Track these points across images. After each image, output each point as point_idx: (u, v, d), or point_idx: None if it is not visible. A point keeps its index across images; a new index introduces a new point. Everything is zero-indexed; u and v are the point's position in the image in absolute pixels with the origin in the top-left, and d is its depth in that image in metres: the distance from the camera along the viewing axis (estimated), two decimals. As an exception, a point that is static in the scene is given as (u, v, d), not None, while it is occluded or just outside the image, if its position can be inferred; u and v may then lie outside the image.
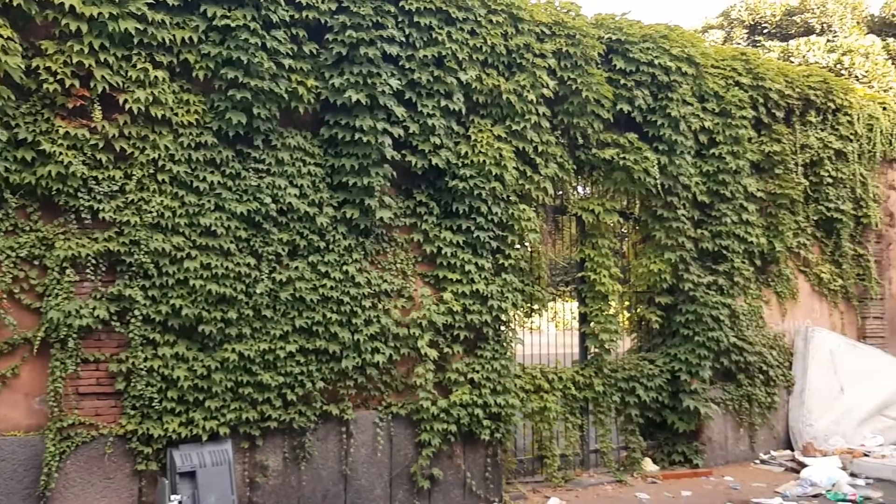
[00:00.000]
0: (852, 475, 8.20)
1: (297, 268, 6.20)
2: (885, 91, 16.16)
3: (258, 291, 6.01)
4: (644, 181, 8.08)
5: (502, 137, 7.17)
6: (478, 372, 6.92)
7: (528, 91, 7.28)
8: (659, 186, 8.25)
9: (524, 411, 7.53)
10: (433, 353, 6.66)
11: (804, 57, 16.29)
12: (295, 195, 6.22)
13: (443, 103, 6.83)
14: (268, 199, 6.09)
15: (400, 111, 6.61)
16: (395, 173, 6.64)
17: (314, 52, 6.38)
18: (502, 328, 7.19)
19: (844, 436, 9.17)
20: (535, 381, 7.62)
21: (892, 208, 10.96)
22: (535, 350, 8.16)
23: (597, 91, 7.68)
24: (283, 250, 6.19)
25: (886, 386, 9.84)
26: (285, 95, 6.17)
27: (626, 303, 8.89)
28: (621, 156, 8.00)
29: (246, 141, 6.14)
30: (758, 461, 8.94)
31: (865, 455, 8.57)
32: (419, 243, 6.89)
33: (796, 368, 9.48)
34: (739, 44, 18.62)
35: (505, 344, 7.18)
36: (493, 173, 6.98)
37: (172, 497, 5.44)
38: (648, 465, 8.33)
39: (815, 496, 7.45)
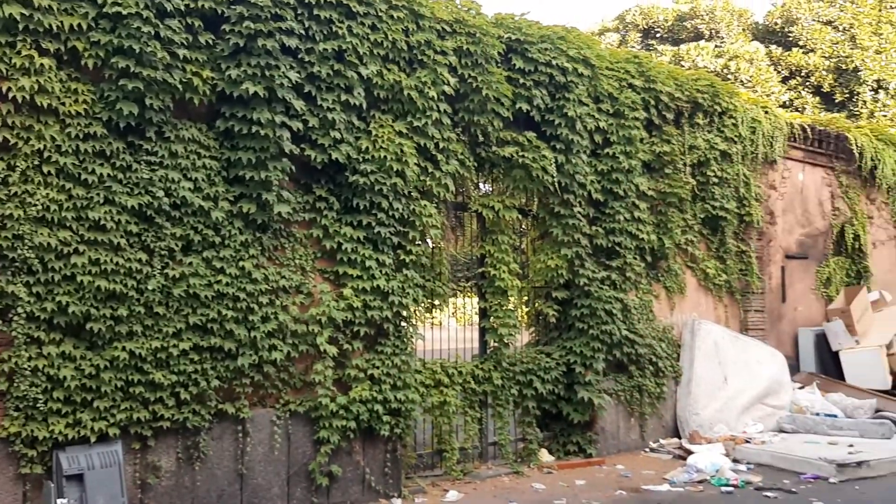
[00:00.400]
0: (735, 461, 8.64)
1: (191, 263, 6.04)
2: (767, 95, 17.08)
3: (150, 288, 5.83)
4: (542, 179, 8.26)
5: (403, 133, 7.19)
6: (378, 368, 6.92)
7: (430, 87, 7.32)
8: (556, 184, 8.46)
9: (424, 406, 7.59)
10: (332, 350, 6.62)
11: (694, 61, 17.00)
12: (189, 189, 6.05)
13: (343, 97, 6.79)
14: (160, 193, 5.91)
15: (299, 104, 6.53)
16: (293, 167, 6.56)
17: (210, 42, 6.22)
18: (403, 324, 7.22)
19: (728, 423, 9.65)
20: (435, 375, 7.69)
21: (772, 207, 11.59)
22: (436, 345, 8.23)
23: (497, 89, 7.80)
24: (177, 245, 6.02)
25: (766, 375, 10.41)
26: (179, 86, 5.99)
27: (525, 298, 9.07)
28: (520, 154, 8.15)
29: (137, 132, 5.94)
30: (648, 449, 9.30)
31: (747, 442, 9.04)
32: (318, 239, 6.83)
33: (684, 360, 9.91)
34: (634, 47, 19.26)
35: (405, 340, 7.21)
36: (395, 169, 7.00)
37: (59, 501, 5.23)
38: (545, 456, 8.54)
39: (700, 482, 7.81)
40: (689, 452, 8.81)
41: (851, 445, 8.67)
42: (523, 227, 9.14)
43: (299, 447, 6.62)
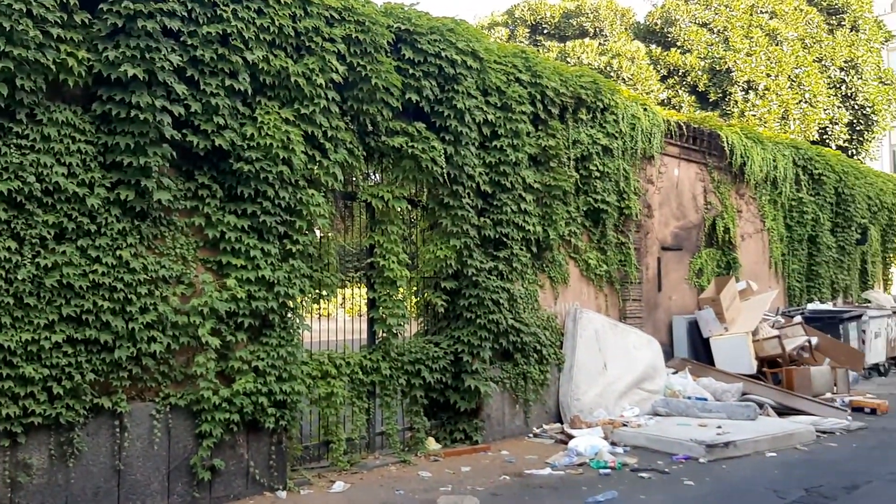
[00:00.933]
0: (613, 444, 8.99)
1: (64, 252, 5.76)
2: (647, 93, 17.79)
3: (20, 277, 5.53)
4: (431, 170, 8.33)
5: (290, 120, 7.08)
6: (263, 360, 6.81)
7: (318, 75, 7.23)
8: (445, 175, 8.54)
9: (311, 397, 7.53)
10: (215, 342, 6.47)
11: (579, 58, 17.50)
12: (62, 174, 5.76)
13: (227, 82, 6.61)
14: (31, 178, 5.61)
15: (181, 89, 6.32)
16: (174, 154, 6.34)
17: (86, 21, 5.93)
18: (289, 315, 7.13)
19: (607, 408, 10.04)
20: (322, 366, 7.63)
21: (650, 200, 12.10)
22: (323, 336, 8.17)
23: (386, 79, 7.79)
24: (49, 233, 5.73)
25: (643, 361, 10.89)
26: (53, 67, 5.69)
27: (414, 288, 9.12)
28: (410, 144, 8.18)
29: (7, 115, 5.61)
30: (531, 435, 9.56)
31: (624, 425, 9.43)
32: (201, 227, 6.64)
33: (566, 347, 10.23)
34: (522, 42, 19.64)
35: (291, 331, 7.12)
36: (281, 157, 6.88)
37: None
38: (432, 444, 8.64)
39: (580, 465, 8.10)
40: (571, 437, 9.11)
41: (720, 427, 9.19)
42: (413, 217, 9.18)
43: (180, 441, 6.44)
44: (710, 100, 18.38)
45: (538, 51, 15.75)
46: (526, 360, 9.56)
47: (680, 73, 18.77)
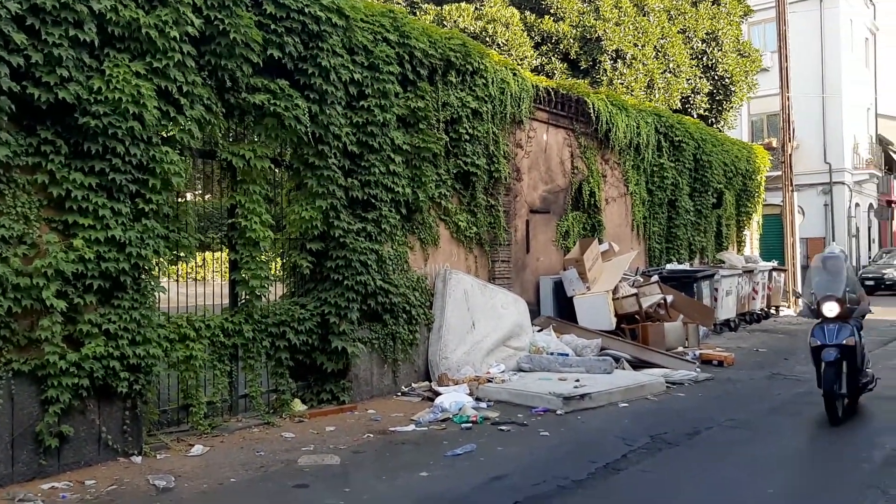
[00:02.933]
0: (478, 399, 9.26)
1: None
2: (521, 59, 18.07)
3: None
4: (295, 128, 8.19)
5: (142, 74, 6.77)
6: (114, 323, 6.57)
7: (171, 27, 6.93)
8: (310, 135, 8.43)
9: (169, 361, 7.35)
10: (61, 304, 6.18)
11: (455, 22, 17.54)
12: None
13: (72, 33, 6.25)
14: None
15: (20, 38, 5.94)
16: (13, 107, 5.97)
17: None
18: (142, 276, 6.90)
19: (474, 365, 10.31)
20: (180, 329, 7.45)
21: (519, 164, 12.38)
22: (182, 299, 7.96)
23: (245, 34, 7.56)
24: None
25: (510, 320, 11.22)
26: None
27: (280, 250, 9.00)
28: (272, 102, 8.01)
29: None
30: (400, 393, 9.70)
31: (489, 381, 9.72)
32: (44, 185, 6.29)
33: (436, 307, 10.40)
34: (399, 3, 19.44)
35: (145, 293, 6.90)
36: (131, 112, 6.59)
37: None
38: (298, 406, 8.62)
39: (444, 420, 8.31)
40: (438, 394, 9.32)
41: (578, 380, 9.62)
42: (278, 177, 9.03)
43: (25, 408, 6.15)
44: (582, 68, 18.86)
45: (414, 13, 15.67)
46: (395, 320, 9.65)
47: (553, 41, 19.13)
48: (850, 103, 32.78)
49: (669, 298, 13.66)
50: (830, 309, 8.06)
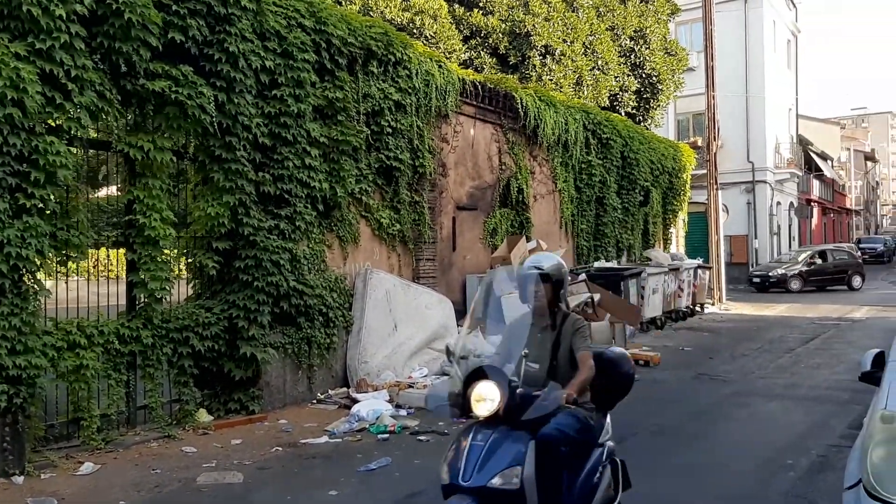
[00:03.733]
0: (398, 406, 8.84)
1: None
2: (450, 52, 17.68)
3: None
4: (200, 118, 7.60)
5: (22, 56, 6.11)
6: (-12, 331, 5.91)
7: (57, 5, 6.28)
8: (217, 125, 7.85)
9: (56, 371, 6.69)
10: (-80, 312, 5.50)
11: (382, 12, 17.02)
12: None
13: (-65, 6, 5.56)
14: None
15: None
16: None
17: None
18: (24, 279, 6.24)
19: (396, 370, 9.87)
20: (70, 336, 6.79)
21: (444, 160, 11.97)
22: (72, 303, 7.29)
23: (142, 14, 6.92)
24: None
25: (434, 321, 10.82)
26: None
27: (185, 249, 8.38)
28: (174, 89, 7.40)
29: None
30: (315, 401, 9.19)
31: (410, 387, 9.29)
32: None
33: (356, 309, 9.92)
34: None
35: (27, 297, 6.24)
36: (10, 97, 5.94)
37: None
38: (203, 417, 8.04)
39: (360, 430, 7.85)
40: (356, 401, 8.85)
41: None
42: (183, 171, 8.40)
43: None
44: (511, 63, 18.58)
45: (340, 2, 15.09)
46: (310, 323, 9.14)
47: (482, 35, 18.80)
48: (773, 103, 33.51)
49: (597, 297, 13.46)
50: (486, 406, 3.97)
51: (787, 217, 37.36)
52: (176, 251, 8.14)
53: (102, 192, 11.34)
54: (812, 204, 43.94)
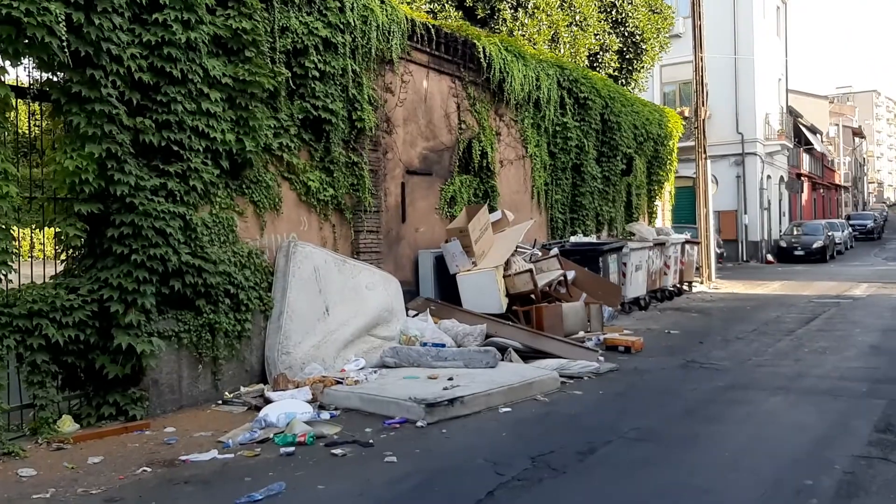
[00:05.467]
0: (321, 407, 7.23)
1: None
2: (410, 2, 15.90)
3: None
4: (47, 44, 5.86)
5: None
6: None
7: None
8: (74, 54, 6.11)
9: None
10: None
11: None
12: None
13: None
14: None
15: None
16: None
17: None
18: None
19: (325, 361, 8.21)
20: None
21: (390, 114, 10.26)
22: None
23: None
24: None
25: (376, 304, 9.17)
26: None
27: (39, 213, 6.66)
28: (9, 3, 5.65)
29: None
30: (221, 402, 7.52)
31: (339, 382, 7.64)
32: None
33: (276, 290, 8.23)
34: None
35: None
36: None
37: None
38: (67, 425, 6.36)
39: (263, 441, 6.20)
40: (270, 401, 7.20)
41: (451, 379, 7.65)
42: (33, 114, 6.67)
43: None
44: (479, 17, 16.83)
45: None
46: (213, 307, 7.45)
47: (448, -14, 17.03)
48: (762, 73, 31.90)
49: (571, 275, 11.86)
50: None
51: (778, 192, 35.87)
52: (26, 216, 6.42)
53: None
54: (803, 178, 42.49)
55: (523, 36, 16.52)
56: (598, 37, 18.36)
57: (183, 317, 7.21)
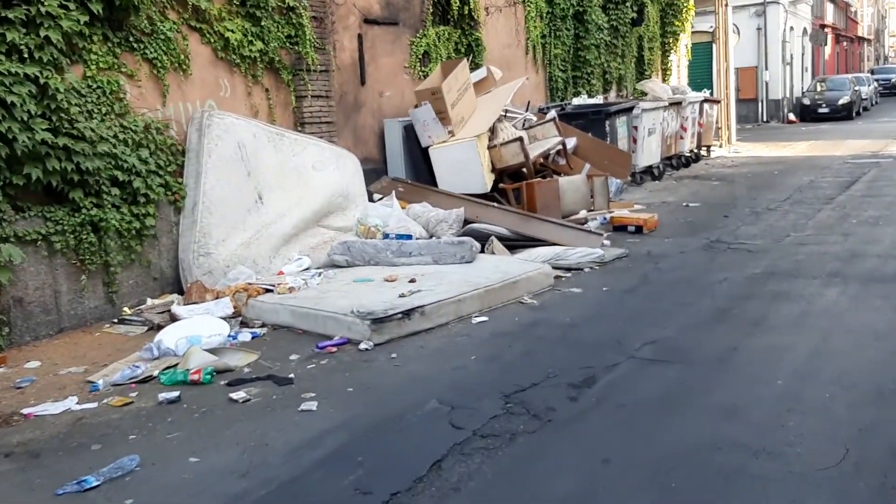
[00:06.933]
0: (243, 324, 5.64)
1: None
2: None
3: None
4: None
5: None
6: None
7: None
8: None
9: None
10: None
11: None
12: None
13: None
14: None
15: None
16: None
17: None
18: None
19: (257, 263, 6.54)
20: None
21: (336, -54, 8.13)
22: None
23: None
24: None
25: (326, 187, 7.44)
26: None
27: None
28: None
29: None
30: (117, 321, 5.89)
31: (269, 290, 5.98)
32: None
33: (188, 174, 6.47)
34: None
35: None
36: None
37: None
38: None
39: (145, 380, 4.59)
40: (176, 319, 5.58)
41: (413, 281, 5.98)
42: None
43: None
44: None
45: None
46: (96, 199, 5.70)
47: None
48: None
49: (572, 143, 9.98)
50: None
51: (800, 45, 33.02)
52: None
53: None
54: (826, 30, 39.32)
55: None
56: None
57: (53, 214, 5.48)
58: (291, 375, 4.54)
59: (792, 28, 30.76)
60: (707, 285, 6.21)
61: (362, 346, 4.99)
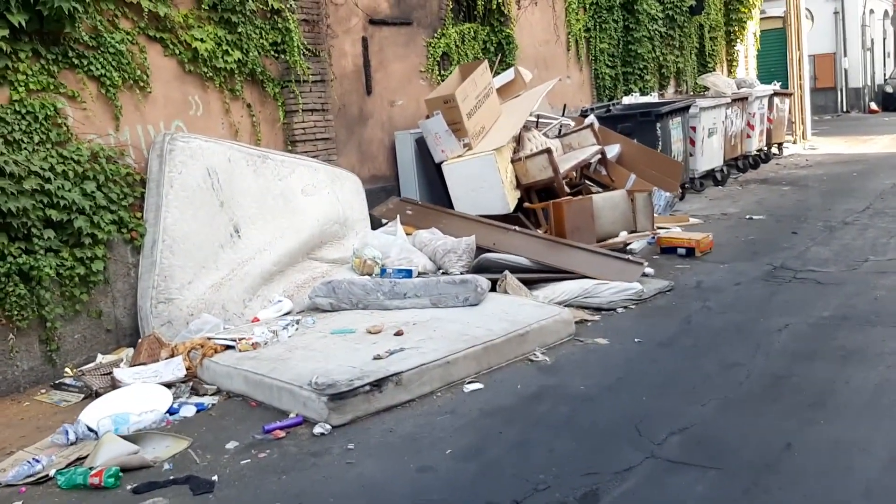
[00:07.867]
0: (194, 391, 4.74)
1: None
2: None
3: None
4: None
5: None
6: None
7: None
8: None
9: None
10: None
11: None
12: None
13: None
14: None
15: None
16: None
17: None
18: None
19: (227, 308, 5.64)
20: None
21: (331, -63, 7.16)
22: None
23: None
24: None
25: (318, 214, 6.50)
26: None
27: None
28: None
29: None
30: (56, 383, 5.06)
31: (230, 347, 5.05)
32: None
33: (148, 208, 5.60)
34: None
35: None
36: None
37: None
38: None
39: (40, 481, 3.72)
40: (118, 385, 4.73)
41: (399, 334, 4.97)
42: None
43: None
44: None
45: None
46: (26, 244, 4.88)
47: None
48: None
49: (613, 151, 8.82)
50: None
51: (882, 28, 30.64)
52: None
53: None
54: (912, 11, 36.52)
55: None
56: None
57: (-30, 264, 4.68)
58: (214, 478, 3.59)
59: (872, 11, 28.54)
60: (762, 335, 5.01)
61: (317, 429, 4.01)
